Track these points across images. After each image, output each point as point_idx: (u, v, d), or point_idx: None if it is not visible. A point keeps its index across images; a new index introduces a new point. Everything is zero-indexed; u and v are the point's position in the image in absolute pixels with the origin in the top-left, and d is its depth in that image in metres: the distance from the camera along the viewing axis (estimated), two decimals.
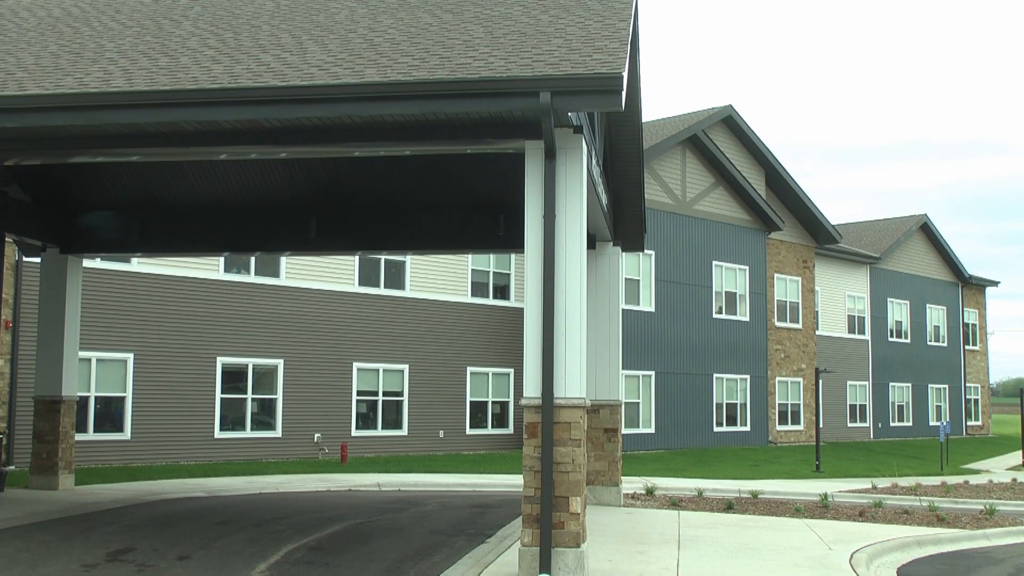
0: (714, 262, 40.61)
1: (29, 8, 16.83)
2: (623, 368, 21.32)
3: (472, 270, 34.54)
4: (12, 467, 22.68)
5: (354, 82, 10.80)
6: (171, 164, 18.21)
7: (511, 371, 34.99)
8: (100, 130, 11.89)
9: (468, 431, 34.13)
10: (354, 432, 31.05)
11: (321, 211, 19.65)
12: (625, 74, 10.59)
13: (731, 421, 41.00)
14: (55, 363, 20.72)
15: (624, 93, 10.70)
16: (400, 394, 32.49)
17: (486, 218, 18.77)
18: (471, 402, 34.31)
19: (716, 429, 40.22)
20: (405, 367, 32.58)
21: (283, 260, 29.67)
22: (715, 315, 40.52)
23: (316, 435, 29.98)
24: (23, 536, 14.40)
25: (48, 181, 19.41)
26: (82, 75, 12.01)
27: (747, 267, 42.08)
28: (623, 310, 18.54)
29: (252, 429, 29.00)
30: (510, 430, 35.19)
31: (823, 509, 18.35)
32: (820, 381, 39.61)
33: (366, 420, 31.65)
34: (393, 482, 22.94)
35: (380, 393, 32.01)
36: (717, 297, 40.78)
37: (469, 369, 34.23)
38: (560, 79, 10.43)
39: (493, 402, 34.95)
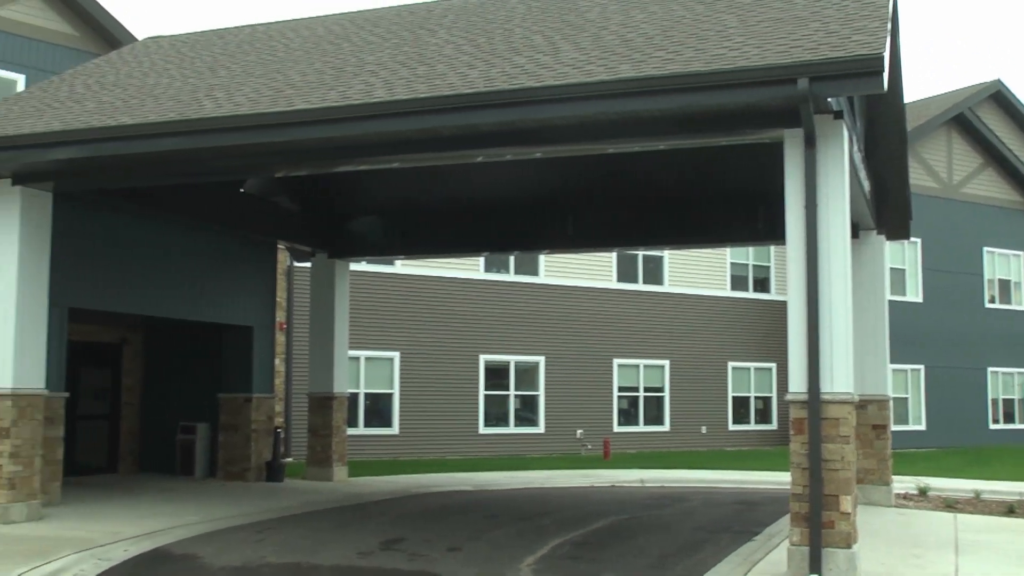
0: (984, 248, 38.41)
1: (295, 29, 17.68)
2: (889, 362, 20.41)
3: (731, 263, 34.05)
4: (290, 459, 23.91)
5: (608, 79, 10.78)
6: (429, 168, 18.72)
7: (773, 366, 34.27)
8: (362, 139, 12.32)
9: (730, 427, 33.66)
10: (616, 428, 31.13)
11: (577, 208, 19.78)
12: (886, 54, 10.14)
13: (1009, 418, 38.66)
14: (327, 362, 21.75)
15: (886, 74, 10.25)
16: (661, 390, 32.37)
17: (744, 210, 18.43)
18: (733, 397, 33.84)
19: (992, 427, 38.00)
20: (666, 363, 32.42)
21: (541, 258, 30.04)
22: (987, 304, 38.33)
23: (578, 431, 30.23)
24: (302, 523, 15.15)
25: (315, 190, 20.33)
26: (345, 88, 12.48)
27: (1022, 253, 39.66)
28: (888, 301, 17.84)
29: (515, 425, 29.52)
30: (773, 426, 34.47)
31: None
32: None
33: (627, 416, 31.69)
34: (656, 478, 22.84)
35: (641, 389, 31.99)
36: (989, 285, 38.57)
37: (730, 364, 33.75)
38: (818, 64, 10.09)
39: (755, 397, 34.35)
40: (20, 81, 21.12)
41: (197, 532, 14.00)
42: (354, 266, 24.79)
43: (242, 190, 18.71)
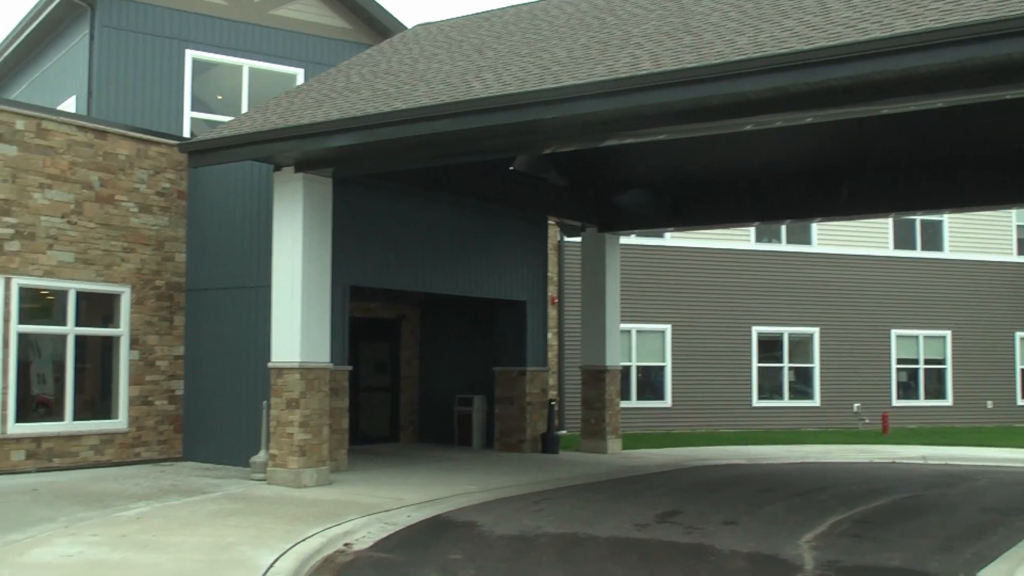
0: None
1: (558, 6, 17.80)
2: None
3: (1017, 226, 32.09)
4: (563, 431, 24.27)
5: (883, 36, 10.31)
6: (696, 139, 18.56)
7: None
8: (629, 112, 12.26)
9: (1019, 401, 31.79)
10: (894, 402, 30.00)
11: (850, 173, 19.13)
12: None
13: None
14: (598, 335, 21.97)
15: None
16: (942, 362, 30.93)
17: None
18: (1022, 370, 31.91)
19: None
20: (947, 333, 30.94)
21: (814, 226, 29.25)
22: None
23: (855, 405, 29.30)
24: (578, 495, 15.37)
25: (583, 165, 20.46)
26: (612, 62, 12.47)
27: None
28: None
29: (789, 398, 28.95)
30: None
31: None
32: None
33: (906, 389, 30.47)
34: (939, 455, 21.87)
35: (921, 361, 30.67)
36: None
37: (1018, 334, 31.84)
38: None
39: None
40: (299, 75, 22.23)
41: (476, 501, 14.43)
42: (624, 239, 24.84)
43: (512, 167, 19.04)
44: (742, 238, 28.49)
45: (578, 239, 23.48)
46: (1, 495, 13.44)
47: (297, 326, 15.03)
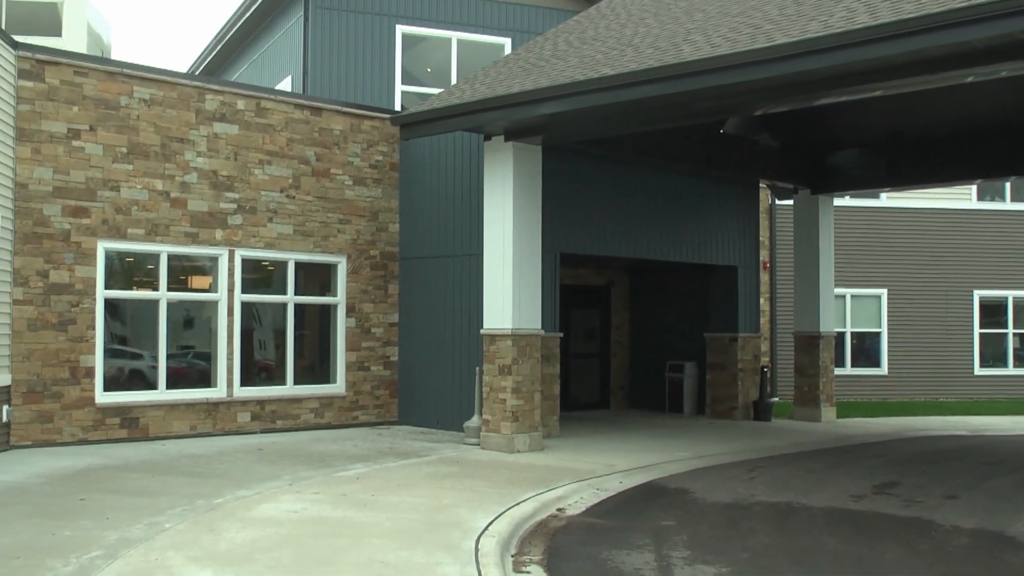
0: None
1: None
2: None
3: None
4: (776, 398, 23.86)
5: None
6: (914, 93, 17.80)
7: None
8: (843, 69, 11.86)
9: None
10: None
11: None
12: None
13: None
14: (811, 301, 21.47)
15: None
16: None
17: None
18: None
19: None
20: None
21: None
22: None
23: None
24: (791, 463, 15.10)
25: (795, 126, 19.94)
26: (826, 17, 12.08)
27: None
28: None
29: (1014, 366, 27.61)
30: None
31: None
32: None
33: None
34: None
35: None
36: None
37: None
38: None
39: None
40: (507, 44, 22.38)
41: (688, 468, 14.35)
42: (837, 201, 24.15)
43: (722, 130, 18.75)
44: (963, 197, 27.29)
45: (790, 202, 22.98)
46: (229, 454, 14.15)
47: (508, 293, 15.22)
